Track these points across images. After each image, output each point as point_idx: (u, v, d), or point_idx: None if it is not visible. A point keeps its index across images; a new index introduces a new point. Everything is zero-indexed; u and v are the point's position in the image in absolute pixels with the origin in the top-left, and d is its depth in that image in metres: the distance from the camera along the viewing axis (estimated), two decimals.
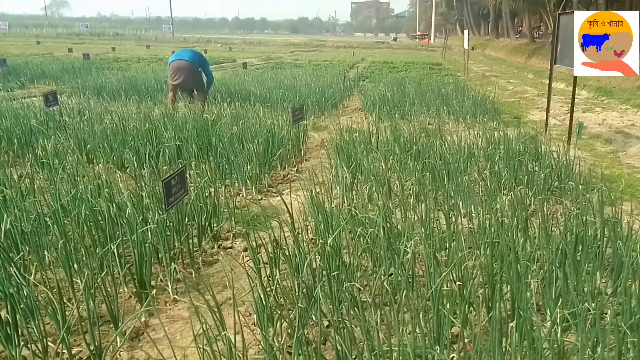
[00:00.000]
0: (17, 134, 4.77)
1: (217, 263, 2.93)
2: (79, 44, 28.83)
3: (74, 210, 2.83)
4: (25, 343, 1.90)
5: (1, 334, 1.86)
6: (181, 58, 6.97)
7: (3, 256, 2.24)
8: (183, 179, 2.53)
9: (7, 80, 9.91)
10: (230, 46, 30.79)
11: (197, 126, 4.85)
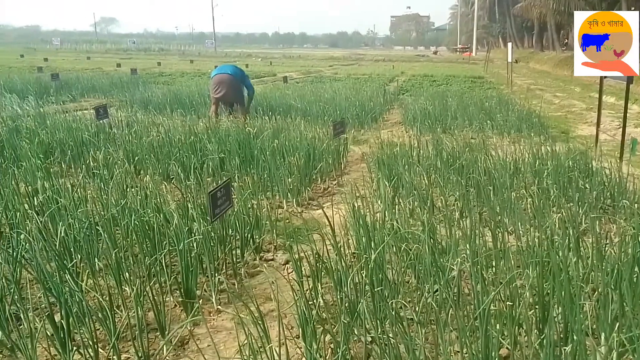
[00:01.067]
0: (70, 146, 4.99)
1: (259, 275, 2.96)
2: (126, 59, 30.04)
3: (123, 219, 2.93)
4: (77, 348, 1.96)
5: (57, 338, 1.92)
6: (223, 72, 7.18)
7: (58, 262, 2.34)
8: (228, 191, 2.58)
9: (60, 94, 10.40)
10: (271, 60, 31.32)
11: (239, 139, 4.94)
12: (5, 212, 3.12)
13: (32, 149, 4.65)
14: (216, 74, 7.23)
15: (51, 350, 2.13)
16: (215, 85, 7.15)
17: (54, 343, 2.01)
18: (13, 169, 4.00)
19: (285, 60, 35.26)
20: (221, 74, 7.15)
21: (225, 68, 7.32)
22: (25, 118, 6.11)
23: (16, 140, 5.03)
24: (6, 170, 3.99)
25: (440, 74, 17.65)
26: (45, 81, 11.23)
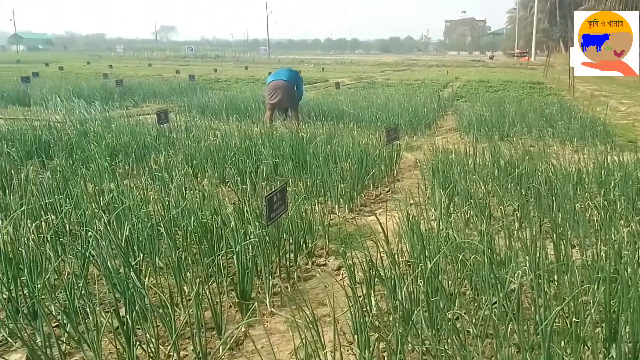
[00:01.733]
0: (133, 149, 5.23)
1: (312, 279, 2.98)
2: (184, 65, 31.17)
3: (182, 221, 3.03)
4: (140, 343, 2.04)
5: (123, 333, 2.02)
6: (279, 78, 7.31)
7: (123, 260, 2.45)
8: (284, 196, 2.62)
9: (123, 99, 10.93)
10: (323, 66, 31.56)
11: (293, 144, 5.01)
12: (75, 211, 3.30)
13: (99, 151, 4.90)
14: (272, 80, 7.37)
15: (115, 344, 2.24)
16: (271, 92, 7.28)
17: (118, 337, 2.10)
18: (82, 170, 4.23)
19: (337, 66, 35.42)
20: (277, 81, 7.29)
21: (281, 74, 7.44)
22: (92, 122, 6.46)
23: (85, 143, 5.33)
24: (76, 171, 4.23)
25: (496, 80, 17.15)
26: (110, 87, 11.84)
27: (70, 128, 5.95)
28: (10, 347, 2.28)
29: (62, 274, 2.63)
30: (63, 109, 9.34)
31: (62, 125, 6.17)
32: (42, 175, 4.11)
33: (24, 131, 5.78)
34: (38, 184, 3.73)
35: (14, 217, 3.01)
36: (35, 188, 3.61)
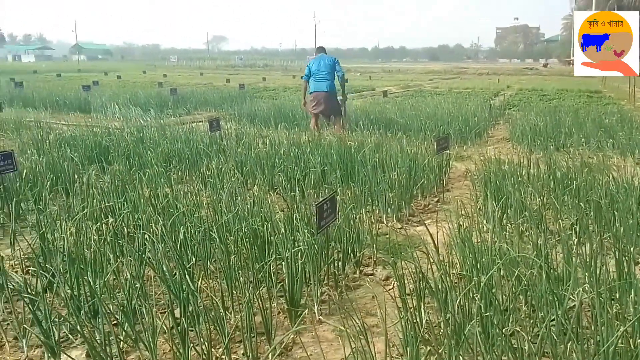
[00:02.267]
0: (186, 155, 5.41)
1: (359, 289, 2.97)
2: (234, 74, 31.95)
3: (234, 226, 3.10)
4: (194, 345, 2.10)
5: (178, 335, 2.08)
6: (320, 90, 7.35)
7: (178, 264, 2.53)
8: (334, 204, 2.63)
9: (177, 107, 11.32)
10: (370, 75, 31.51)
11: (341, 153, 5.03)
12: (132, 214, 3.44)
13: (155, 157, 5.10)
14: (314, 91, 7.42)
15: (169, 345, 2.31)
16: (313, 102, 7.43)
17: (173, 338, 2.17)
18: (139, 175, 4.41)
19: (384, 74, 35.28)
20: (318, 92, 7.37)
21: (321, 85, 7.40)
22: (148, 129, 6.73)
23: (141, 149, 5.55)
24: (133, 175, 4.42)
25: (550, 88, 16.58)
26: (165, 95, 12.30)
27: (128, 134, 6.21)
28: (71, 344, 2.39)
29: (120, 274, 2.75)
30: (121, 116, 9.80)
31: (121, 132, 6.45)
32: (102, 179, 4.31)
33: (85, 137, 6.10)
34: (99, 188, 3.92)
35: (77, 219, 3.17)
36: (96, 191, 3.80)
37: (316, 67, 7.49)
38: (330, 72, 7.45)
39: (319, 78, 7.47)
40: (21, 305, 2.53)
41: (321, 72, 7.46)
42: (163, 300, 2.71)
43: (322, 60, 7.54)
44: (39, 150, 5.54)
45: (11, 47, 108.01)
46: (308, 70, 7.61)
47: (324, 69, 7.44)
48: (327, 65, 7.46)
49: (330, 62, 7.49)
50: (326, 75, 7.45)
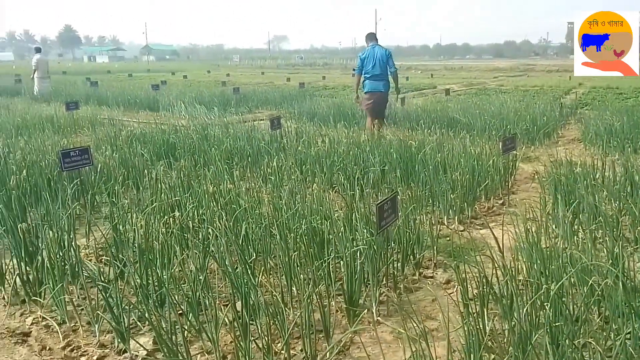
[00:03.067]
0: (248, 152, 5.53)
1: (419, 291, 2.91)
2: (294, 73, 32.34)
3: (293, 223, 3.13)
4: (254, 338, 2.14)
5: (239, 327, 2.13)
6: (377, 90, 7.19)
7: (240, 258, 2.59)
8: (395, 205, 2.60)
9: (239, 105, 11.61)
10: (432, 73, 30.89)
11: (401, 152, 4.95)
12: (197, 209, 3.57)
13: (219, 154, 5.25)
14: (371, 90, 7.23)
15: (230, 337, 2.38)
16: (369, 100, 7.26)
17: (234, 330, 2.23)
18: (204, 171, 4.57)
19: (446, 72, 34.47)
20: (376, 93, 7.20)
21: (379, 85, 7.21)
22: (212, 127, 6.95)
23: (205, 146, 5.74)
24: (198, 172, 4.58)
25: (627, 86, 15.50)
26: (228, 94, 12.65)
27: (194, 132, 6.44)
28: (139, 331, 2.51)
29: (185, 266, 2.86)
30: (186, 114, 10.19)
31: (187, 130, 6.70)
32: (170, 174, 4.50)
33: (154, 134, 6.39)
34: (166, 183, 4.09)
35: (146, 212, 3.33)
36: (163, 186, 3.97)
37: (371, 63, 7.16)
38: (384, 70, 7.14)
39: (376, 77, 7.19)
40: (94, 292, 2.69)
41: (377, 69, 7.15)
42: (225, 293, 2.79)
43: (376, 53, 7.16)
44: (112, 146, 5.86)
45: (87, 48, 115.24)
46: (361, 64, 7.27)
47: (380, 65, 7.13)
48: (382, 61, 7.12)
49: (384, 57, 7.13)
50: (383, 73, 7.17)
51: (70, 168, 4.03)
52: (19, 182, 4.05)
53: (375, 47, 7.22)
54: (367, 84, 7.25)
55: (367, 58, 7.17)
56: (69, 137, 7.01)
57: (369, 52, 7.21)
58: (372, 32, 7.56)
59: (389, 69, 7.12)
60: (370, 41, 7.38)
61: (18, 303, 2.77)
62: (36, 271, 2.76)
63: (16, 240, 2.89)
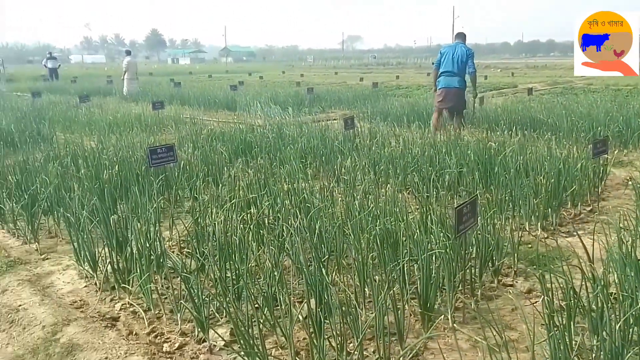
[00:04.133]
0: (321, 152, 5.58)
1: (497, 299, 2.80)
2: (367, 73, 32.20)
3: (367, 224, 3.12)
4: (327, 337, 2.16)
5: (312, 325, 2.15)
6: (451, 86, 6.99)
7: (314, 256, 2.62)
8: (474, 208, 2.50)
9: (312, 105, 11.75)
10: (512, 71, 29.50)
11: (479, 154, 4.77)
12: (273, 206, 3.65)
13: (293, 153, 5.35)
14: (444, 86, 7.05)
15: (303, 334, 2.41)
16: (440, 96, 7.10)
17: (307, 326, 2.25)
18: (279, 169, 4.67)
19: (528, 70, 32.77)
20: (448, 89, 7.00)
21: (452, 80, 7.00)
22: (287, 126, 7.09)
23: (280, 145, 5.87)
24: (273, 170, 4.68)
25: None
26: (301, 94, 12.85)
27: (269, 131, 6.60)
28: (217, 322, 2.61)
29: (261, 262, 2.93)
30: (262, 114, 10.47)
31: (263, 129, 6.89)
32: (247, 172, 4.64)
33: (232, 133, 6.63)
34: (244, 180, 4.23)
35: (225, 208, 3.46)
36: (241, 183, 4.11)
37: (449, 58, 7.01)
38: (461, 68, 6.97)
39: (450, 73, 7.02)
40: (176, 282, 2.83)
41: (452, 66, 6.99)
42: (298, 289, 2.83)
43: (456, 50, 7.02)
44: (194, 144, 6.15)
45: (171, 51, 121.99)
46: (439, 57, 7.18)
47: (456, 63, 6.96)
48: (460, 58, 6.94)
49: (464, 55, 6.95)
50: (457, 71, 6.98)
51: (157, 164, 4.28)
52: (110, 176, 4.37)
53: (458, 45, 7.13)
54: (441, 80, 7.13)
55: (446, 54, 7.07)
56: (155, 135, 7.45)
57: (449, 49, 7.12)
58: (462, 32, 7.50)
59: (468, 69, 6.96)
60: (456, 39, 7.35)
61: (108, 289, 2.98)
62: (125, 260, 2.96)
63: (108, 231, 3.11)
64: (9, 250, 3.64)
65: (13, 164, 4.92)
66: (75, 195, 3.72)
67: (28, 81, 23.05)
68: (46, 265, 3.40)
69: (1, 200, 4.20)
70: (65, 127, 8.75)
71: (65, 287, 3.07)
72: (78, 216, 3.36)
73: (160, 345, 2.43)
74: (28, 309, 2.77)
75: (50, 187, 4.02)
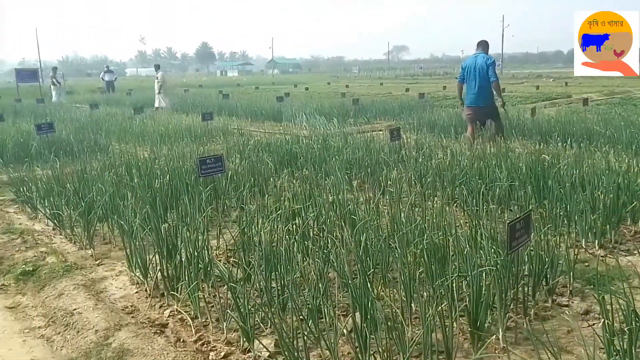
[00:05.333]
0: (366, 163, 5.55)
1: (551, 320, 2.67)
2: (413, 83, 31.89)
3: (413, 238, 3.06)
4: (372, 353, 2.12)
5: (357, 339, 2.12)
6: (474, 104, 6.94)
7: (360, 269, 2.59)
8: (528, 224, 2.41)
9: (357, 116, 11.74)
10: (566, 81, 28.41)
11: (531, 167, 4.61)
12: (318, 218, 3.65)
13: (339, 164, 5.34)
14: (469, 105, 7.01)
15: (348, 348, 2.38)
16: (468, 111, 7.09)
17: (352, 340, 2.22)
18: (324, 181, 4.67)
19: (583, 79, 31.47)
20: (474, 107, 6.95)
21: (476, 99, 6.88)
22: (332, 137, 7.10)
23: (325, 156, 5.88)
24: (318, 181, 4.68)
25: None
26: (346, 105, 12.87)
27: (315, 142, 6.64)
28: (262, 332, 2.62)
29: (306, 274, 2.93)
30: (307, 125, 10.56)
31: (308, 140, 6.93)
32: (292, 183, 4.67)
33: (278, 144, 6.71)
34: (289, 191, 4.25)
35: (271, 219, 3.48)
36: (286, 194, 4.13)
37: (470, 74, 6.87)
38: (484, 82, 6.79)
39: (472, 92, 6.90)
40: (222, 291, 2.87)
41: (474, 82, 6.83)
42: (342, 302, 2.80)
43: (477, 62, 6.83)
44: (241, 154, 6.27)
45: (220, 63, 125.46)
46: (462, 73, 7.03)
47: (477, 78, 6.79)
48: (480, 71, 6.75)
49: (484, 66, 6.73)
50: (478, 88, 6.82)
51: (205, 174, 4.39)
52: (162, 185, 4.50)
53: (478, 56, 6.93)
54: (467, 98, 7.06)
55: (467, 68, 6.95)
56: (204, 146, 7.64)
57: (469, 63, 6.96)
58: (484, 40, 7.22)
59: (490, 78, 6.77)
60: (477, 48, 7.10)
61: (158, 296, 3.06)
62: (174, 268, 3.03)
63: (159, 238, 3.20)
64: (66, 255, 3.81)
65: (72, 173, 5.16)
66: (129, 204, 3.86)
67: (86, 93, 24.32)
68: (100, 270, 3.53)
69: (60, 207, 4.41)
70: (120, 137, 9.13)
71: (118, 292, 3.17)
72: (131, 224, 3.48)
73: (207, 353, 2.46)
74: (82, 313, 2.88)
75: (106, 195, 4.19)
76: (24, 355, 2.59)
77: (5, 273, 3.57)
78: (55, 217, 4.39)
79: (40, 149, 7.33)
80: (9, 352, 2.62)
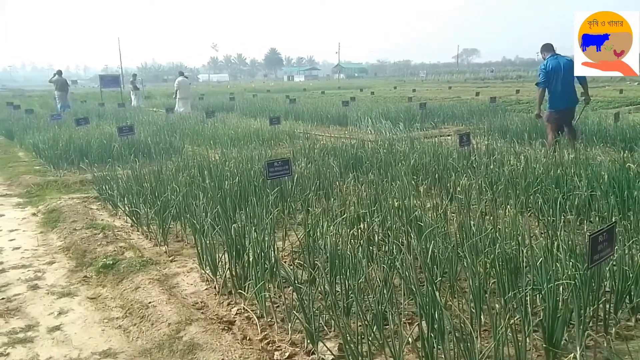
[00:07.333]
0: (434, 169, 5.42)
1: (636, 340, 2.47)
2: (483, 87, 30.84)
3: (483, 247, 2.95)
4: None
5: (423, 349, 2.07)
6: (571, 106, 6.81)
7: (427, 277, 2.53)
8: (612, 237, 2.25)
9: (424, 120, 11.51)
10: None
11: (615, 176, 4.30)
12: (383, 223, 3.61)
13: (405, 169, 5.26)
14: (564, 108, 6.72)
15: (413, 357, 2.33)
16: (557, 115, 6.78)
17: (418, 349, 2.17)
18: (390, 185, 4.62)
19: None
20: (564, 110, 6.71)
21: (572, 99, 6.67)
22: (398, 142, 7.01)
23: (391, 161, 5.82)
24: (384, 186, 4.64)
25: None
26: (413, 109, 12.66)
27: (380, 147, 6.58)
28: (325, 335, 2.62)
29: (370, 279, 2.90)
30: (373, 129, 10.50)
31: (374, 144, 6.89)
32: (358, 187, 4.66)
33: (343, 148, 6.72)
34: (354, 195, 4.25)
35: (336, 222, 3.49)
36: (352, 198, 4.13)
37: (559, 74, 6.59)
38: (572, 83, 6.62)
39: (567, 90, 6.64)
40: (287, 292, 2.91)
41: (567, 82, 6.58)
42: (407, 310, 2.75)
43: (562, 64, 6.59)
44: (307, 158, 6.34)
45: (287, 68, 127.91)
46: (545, 76, 6.71)
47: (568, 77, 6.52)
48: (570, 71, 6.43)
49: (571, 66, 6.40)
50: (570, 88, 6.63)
51: (273, 177, 4.48)
52: (231, 186, 4.65)
53: (559, 57, 6.72)
54: (556, 101, 6.75)
55: (554, 70, 6.64)
56: (271, 149, 7.81)
57: (553, 64, 6.68)
58: (549, 43, 6.96)
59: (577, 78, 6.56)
60: (548, 52, 6.86)
61: (226, 293, 3.16)
62: (242, 267, 3.11)
63: (228, 238, 3.30)
64: (142, 251, 4.03)
65: (149, 173, 5.46)
66: (201, 203, 4.02)
67: (162, 98, 25.68)
68: (173, 266, 3.70)
69: (138, 205, 4.68)
70: (193, 140, 9.54)
71: (189, 288, 3.31)
72: (202, 223, 3.62)
73: (272, 352, 2.50)
74: (157, 307, 3.02)
75: (179, 194, 4.39)
76: (103, 344, 2.76)
77: (88, 265, 3.83)
78: (133, 214, 4.65)
79: (121, 150, 7.82)
80: (89, 340, 2.81)
